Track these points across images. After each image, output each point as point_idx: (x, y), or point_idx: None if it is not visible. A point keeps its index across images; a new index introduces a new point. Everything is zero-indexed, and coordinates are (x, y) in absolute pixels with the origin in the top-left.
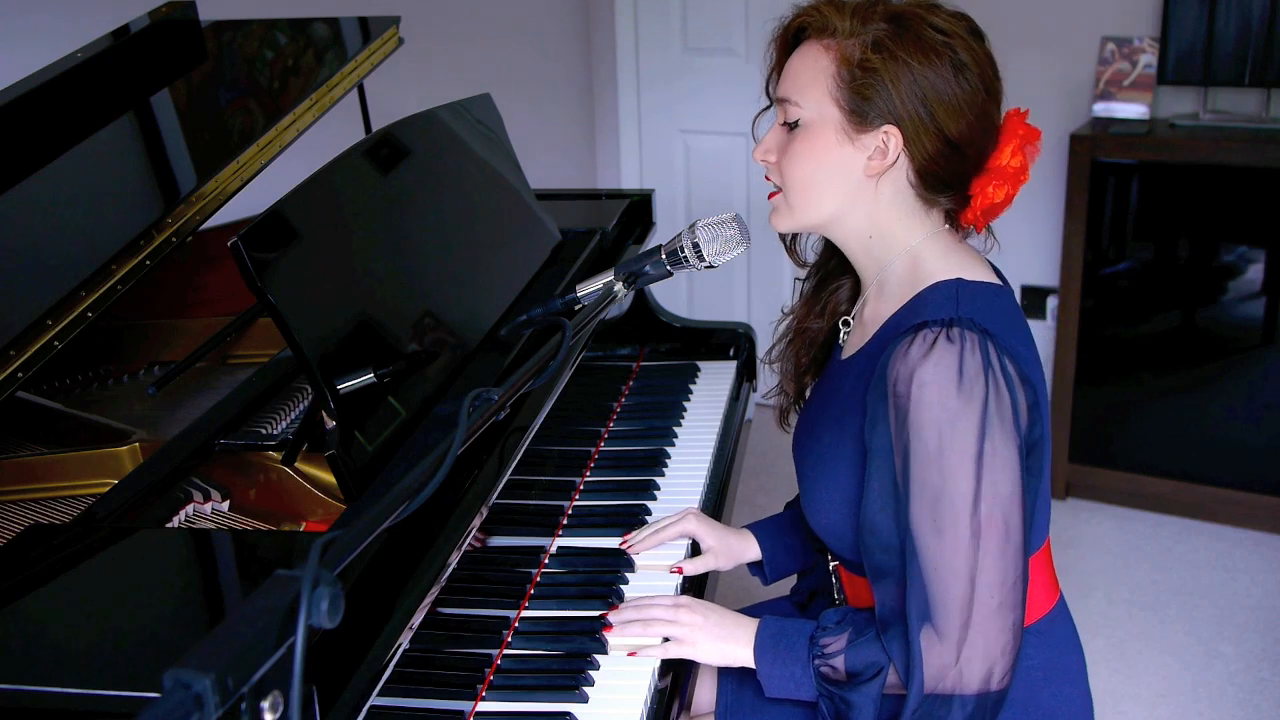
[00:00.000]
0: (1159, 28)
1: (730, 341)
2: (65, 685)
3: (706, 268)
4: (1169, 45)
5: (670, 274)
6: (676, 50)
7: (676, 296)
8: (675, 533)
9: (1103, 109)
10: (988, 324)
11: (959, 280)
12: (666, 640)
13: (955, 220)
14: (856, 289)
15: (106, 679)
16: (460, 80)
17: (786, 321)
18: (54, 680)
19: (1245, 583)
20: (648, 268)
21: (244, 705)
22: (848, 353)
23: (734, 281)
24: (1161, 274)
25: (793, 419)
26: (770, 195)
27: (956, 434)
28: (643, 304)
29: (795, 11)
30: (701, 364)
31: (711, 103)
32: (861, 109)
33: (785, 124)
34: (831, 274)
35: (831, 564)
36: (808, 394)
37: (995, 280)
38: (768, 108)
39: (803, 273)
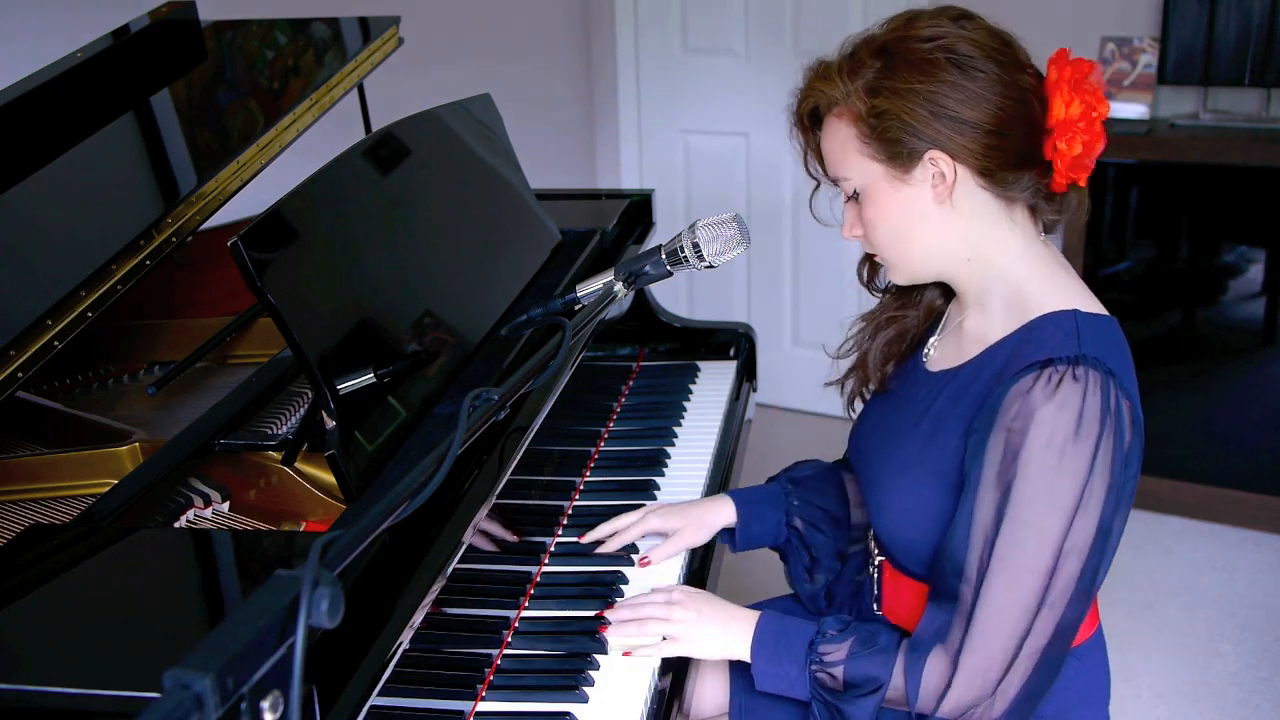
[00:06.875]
0: (1159, 28)
1: (730, 341)
2: (65, 685)
3: (706, 268)
4: (1169, 45)
5: (670, 274)
6: (676, 50)
7: (676, 296)
8: (638, 533)
9: None
10: (1111, 363)
11: (1076, 312)
12: (665, 638)
13: (1041, 207)
14: (947, 293)
15: (106, 679)
16: (460, 80)
17: (871, 313)
18: (54, 680)
19: (1245, 583)
20: (648, 268)
21: (244, 705)
22: (938, 365)
23: (734, 281)
24: (1161, 274)
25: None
26: (874, 256)
27: (1062, 476)
28: (643, 304)
29: (798, 97)
30: (701, 364)
31: (711, 103)
32: (896, 152)
33: (849, 199)
34: (916, 286)
35: (877, 559)
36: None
37: (1104, 310)
38: (818, 186)
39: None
